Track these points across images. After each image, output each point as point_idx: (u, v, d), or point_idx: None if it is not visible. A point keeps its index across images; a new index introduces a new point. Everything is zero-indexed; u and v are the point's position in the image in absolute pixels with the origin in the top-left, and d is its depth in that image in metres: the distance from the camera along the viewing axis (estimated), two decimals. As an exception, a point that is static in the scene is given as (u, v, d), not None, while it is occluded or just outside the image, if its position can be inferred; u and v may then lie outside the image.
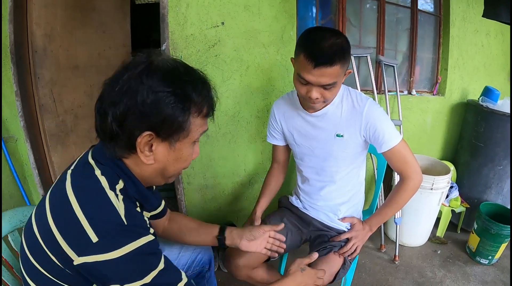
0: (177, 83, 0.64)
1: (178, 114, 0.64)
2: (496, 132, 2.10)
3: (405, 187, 1.22)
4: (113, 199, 0.63)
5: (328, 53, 0.98)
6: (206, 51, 1.61)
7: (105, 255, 0.58)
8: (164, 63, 0.65)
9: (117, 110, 0.62)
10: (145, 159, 0.67)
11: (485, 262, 2.01)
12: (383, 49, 2.13)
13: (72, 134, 2.09)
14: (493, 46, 2.53)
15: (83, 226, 0.59)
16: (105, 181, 0.65)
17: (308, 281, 0.97)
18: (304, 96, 1.10)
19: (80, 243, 0.59)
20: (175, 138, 0.67)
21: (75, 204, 0.61)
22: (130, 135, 0.63)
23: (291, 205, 1.44)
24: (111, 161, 0.68)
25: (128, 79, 0.62)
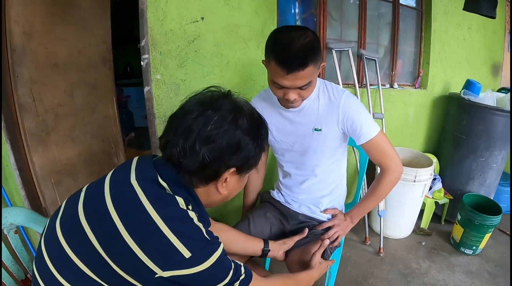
0: (259, 127, 0.75)
1: (257, 153, 0.75)
2: (478, 124, 2.13)
3: (385, 179, 1.22)
4: (194, 219, 0.70)
5: (299, 57, 0.96)
6: (186, 46, 1.59)
7: (195, 268, 0.65)
8: (246, 106, 0.75)
9: (214, 148, 0.68)
10: (221, 189, 0.75)
11: (470, 253, 2.04)
12: (365, 43, 2.13)
13: (53, 133, 2.04)
14: (475, 39, 2.56)
15: (175, 245, 0.64)
16: (183, 202, 0.71)
17: (322, 272, 1.13)
18: (282, 99, 1.10)
19: (170, 260, 0.64)
20: (248, 172, 0.78)
21: (162, 225, 0.64)
22: (219, 169, 0.71)
23: (273, 200, 1.43)
24: (182, 187, 0.73)
25: (222, 121, 0.69)
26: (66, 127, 2.07)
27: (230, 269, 0.73)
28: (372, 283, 1.78)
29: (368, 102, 2.02)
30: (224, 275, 0.72)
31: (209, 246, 0.69)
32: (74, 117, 2.09)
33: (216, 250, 0.70)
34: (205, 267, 0.66)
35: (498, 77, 2.98)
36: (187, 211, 0.70)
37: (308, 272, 1.06)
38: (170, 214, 0.67)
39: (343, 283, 1.76)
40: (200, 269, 0.66)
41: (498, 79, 2.99)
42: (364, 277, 1.82)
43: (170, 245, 0.64)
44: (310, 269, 1.08)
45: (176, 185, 0.73)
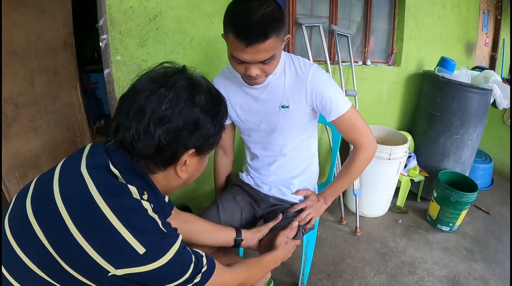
0: (218, 103, 0.70)
1: (217, 131, 0.70)
2: (452, 101, 2.12)
3: (358, 157, 1.16)
4: (149, 210, 0.65)
5: (259, 28, 0.88)
6: (147, 24, 1.50)
7: (151, 265, 0.60)
8: (203, 83, 0.69)
9: (170, 128, 0.62)
10: (181, 173, 0.70)
11: (446, 229, 2.05)
12: (336, 18, 2.07)
13: (14, 125, 1.94)
14: (450, 17, 2.55)
15: (127, 239, 0.58)
16: (136, 191, 0.66)
17: (289, 252, 1.10)
18: (243, 74, 1.02)
19: (123, 256, 0.58)
20: (208, 152, 0.72)
21: (113, 218, 0.59)
22: (176, 151, 0.66)
23: (242, 182, 1.37)
24: (136, 174, 0.68)
25: (177, 99, 0.63)
26: (27, 117, 1.97)
27: (190, 263, 0.68)
28: (350, 263, 1.76)
29: (340, 79, 1.97)
30: (184, 269, 0.67)
31: (165, 240, 0.64)
32: (36, 106, 1.99)
33: (174, 244, 0.65)
34: (162, 263, 0.61)
35: (472, 56, 3.00)
36: (140, 201, 0.65)
37: (273, 253, 1.02)
38: (122, 206, 0.61)
39: (319, 265, 1.73)
40: (156, 266, 0.61)
41: (472, 58, 3.01)
42: (341, 257, 1.80)
43: (122, 240, 0.58)
44: (275, 250, 1.04)
45: (130, 173, 0.67)
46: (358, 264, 1.76)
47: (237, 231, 1.13)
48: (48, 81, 2.02)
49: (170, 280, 0.65)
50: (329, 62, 1.91)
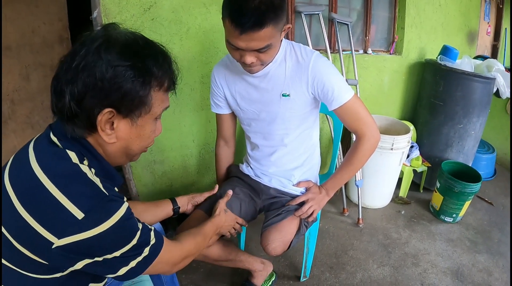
0: (137, 57, 0.62)
1: (139, 88, 0.62)
2: (455, 90, 2.08)
3: (361, 147, 1.13)
4: (88, 174, 0.61)
5: (256, 15, 0.84)
6: (142, 15, 1.46)
7: (93, 230, 0.57)
8: (123, 36, 0.63)
9: (75, 88, 0.58)
10: (106, 138, 0.64)
11: (450, 220, 2.02)
12: (336, 6, 2.02)
13: (11, 121, 1.94)
14: (451, 6, 2.50)
15: (64, 205, 0.56)
16: (75, 156, 0.62)
17: (229, 222, 1.14)
18: (239, 61, 0.99)
19: (62, 224, 0.56)
20: (136, 114, 0.65)
21: (49, 184, 0.57)
22: (90, 113, 0.60)
23: (242, 174, 1.35)
24: (73, 140, 0.64)
25: (85, 54, 0.59)
26: (24, 114, 1.96)
27: (137, 230, 0.65)
28: (352, 255, 1.74)
29: (341, 68, 1.94)
30: (129, 238, 0.63)
31: (106, 203, 0.60)
32: (32, 102, 1.97)
33: (118, 209, 0.61)
34: (104, 229, 0.58)
35: (474, 45, 2.95)
36: (78, 165, 0.61)
37: (213, 220, 1.04)
38: (57, 170, 0.59)
39: (322, 257, 1.71)
40: (98, 231, 0.57)
41: (474, 47, 2.96)
42: (344, 249, 1.78)
43: (60, 206, 0.56)
44: (214, 217, 1.06)
45: (66, 138, 0.64)
46: (361, 256, 1.73)
47: (173, 201, 1.15)
48: (44, 76, 1.99)
49: (115, 247, 0.61)
50: (329, 51, 1.87)
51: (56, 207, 0.55)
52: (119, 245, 0.62)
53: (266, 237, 1.15)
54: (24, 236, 0.57)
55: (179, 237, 0.87)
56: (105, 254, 0.60)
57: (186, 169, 1.80)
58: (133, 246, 0.64)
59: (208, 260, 1.25)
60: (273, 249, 1.13)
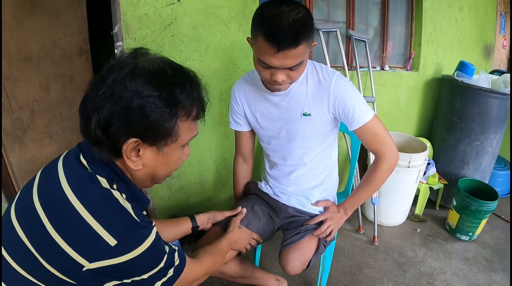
0: (164, 87, 0.61)
1: (165, 119, 0.62)
2: (472, 107, 2.06)
3: (380, 167, 1.13)
4: (120, 200, 0.62)
5: (291, 34, 0.86)
6: (162, 31, 1.49)
7: (125, 256, 0.58)
8: (150, 64, 0.62)
9: (101, 116, 0.59)
10: (132, 165, 0.64)
11: (466, 239, 1.99)
12: (353, 23, 2.04)
13: (30, 131, 1.97)
14: (467, 20, 2.49)
15: (97, 232, 0.57)
16: (106, 182, 0.63)
17: (244, 237, 1.16)
18: (269, 80, 0.99)
19: (95, 249, 0.56)
20: (162, 143, 0.65)
21: (82, 210, 0.58)
22: (115, 141, 0.61)
23: (260, 192, 1.35)
24: (102, 164, 0.65)
25: (113, 83, 0.59)
26: (43, 124, 1.98)
27: (164, 254, 0.67)
28: (367, 273, 1.72)
29: (358, 85, 1.94)
30: (157, 262, 0.65)
31: (138, 230, 0.61)
32: (51, 112, 2.00)
33: (149, 236, 0.62)
34: (135, 255, 0.59)
35: (490, 59, 2.92)
36: (110, 190, 0.62)
37: (227, 237, 1.06)
38: (91, 196, 0.60)
39: (336, 275, 1.69)
40: (129, 257, 0.59)
41: (490, 61, 2.93)
42: (359, 267, 1.76)
43: (93, 232, 0.57)
44: (228, 233, 1.09)
45: (96, 162, 0.65)
46: (376, 274, 1.71)
47: (192, 219, 1.16)
48: (63, 88, 2.03)
49: (144, 271, 0.63)
50: (346, 68, 1.88)
51: (90, 233, 0.56)
52: (147, 269, 0.64)
53: (285, 256, 1.15)
54: (53, 256, 0.57)
55: (197, 255, 0.90)
56: (133, 276, 0.62)
57: (203, 184, 1.80)
58: (160, 269, 0.66)
59: (225, 276, 1.26)
60: (292, 268, 1.13)
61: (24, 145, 1.90)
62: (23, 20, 1.79)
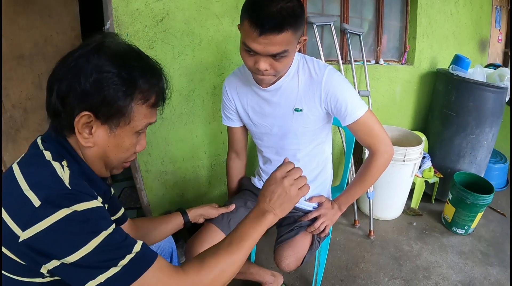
0: (124, 66, 0.62)
1: (120, 97, 0.62)
2: (468, 100, 2.06)
3: (374, 163, 1.11)
4: (57, 169, 0.60)
5: (276, 18, 0.84)
6: (154, 26, 1.47)
7: (46, 220, 0.53)
8: (116, 46, 0.64)
9: (61, 87, 0.60)
10: (83, 141, 0.64)
11: (462, 232, 1.99)
12: (348, 17, 2.03)
13: (23, 129, 1.96)
14: (462, 14, 2.49)
15: (24, 192, 0.55)
16: (49, 154, 0.63)
17: None
18: (252, 68, 0.97)
19: (22, 211, 0.54)
20: (115, 123, 0.64)
21: (19, 176, 0.58)
22: (71, 113, 0.61)
23: (253, 187, 1.34)
24: (55, 141, 0.66)
25: (77, 57, 0.61)
26: (36, 122, 1.97)
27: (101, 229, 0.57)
28: (363, 268, 1.72)
29: (353, 79, 1.93)
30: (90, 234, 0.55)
31: (65, 195, 0.56)
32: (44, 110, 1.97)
33: (79, 202, 0.56)
34: (58, 218, 0.53)
35: (485, 53, 2.92)
36: (50, 162, 0.61)
37: None
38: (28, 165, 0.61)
39: (332, 270, 1.69)
40: (52, 220, 0.53)
41: (486, 55, 2.93)
42: (355, 262, 1.76)
43: (21, 192, 0.56)
44: None
45: (49, 139, 0.66)
46: (372, 268, 1.71)
47: (183, 214, 1.11)
48: (56, 85, 2.02)
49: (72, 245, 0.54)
50: (341, 62, 1.87)
51: (19, 194, 0.55)
52: (76, 243, 0.54)
53: (280, 253, 1.14)
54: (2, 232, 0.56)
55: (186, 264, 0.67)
56: (63, 254, 0.54)
57: (198, 180, 1.80)
58: (96, 249, 0.55)
59: None
60: (286, 265, 1.12)
61: (17, 143, 1.89)
62: (15, 18, 1.78)
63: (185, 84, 1.58)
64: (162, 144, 1.62)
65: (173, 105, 1.58)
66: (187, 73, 1.56)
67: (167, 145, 1.64)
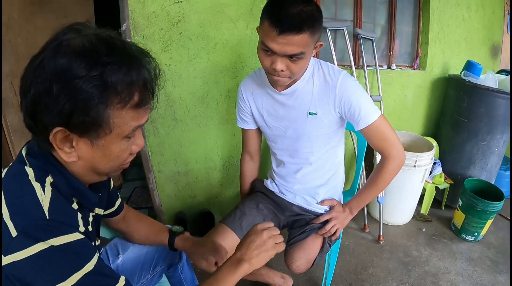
0: (90, 68, 0.51)
1: (90, 107, 0.52)
2: (479, 107, 2.05)
3: (386, 167, 1.13)
4: (38, 191, 0.55)
5: (296, 19, 0.87)
6: (170, 29, 1.49)
7: (22, 252, 0.50)
8: (78, 42, 0.52)
9: (27, 102, 0.53)
10: (65, 156, 0.57)
11: (471, 239, 1.98)
12: (361, 22, 2.03)
13: (35, 126, 1.98)
14: (474, 20, 2.47)
15: (5, 221, 0.52)
16: (32, 173, 0.57)
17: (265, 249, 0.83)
18: (268, 68, 0.99)
19: (3, 238, 0.51)
20: (93, 135, 0.55)
21: (3, 198, 0.54)
22: (44, 130, 0.54)
23: (266, 189, 1.36)
24: (40, 155, 0.59)
25: (39, 63, 0.51)
26: (50, 121, 2.00)
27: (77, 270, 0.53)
28: (372, 272, 1.72)
29: (365, 84, 1.93)
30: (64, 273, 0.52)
31: (41, 227, 0.52)
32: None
33: (55, 236, 0.52)
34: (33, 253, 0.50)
35: (497, 59, 2.89)
36: (30, 181, 0.56)
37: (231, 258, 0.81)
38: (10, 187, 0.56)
39: (341, 273, 1.70)
40: (27, 254, 0.50)
41: (498, 60, 2.90)
42: (364, 266, 1.76)
43: (4, 222, 0.52)
44: None
45: (34, 153, 0.60)
46: (381, 273, 1.72)
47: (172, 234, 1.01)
48: (71, 85, 2.04)
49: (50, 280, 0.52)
50: (353, 66, 1.87)
51: (2, 221, 0.52)
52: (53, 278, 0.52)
53: (291, 255, 1.16)
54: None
55: None
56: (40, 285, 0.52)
57: (210, 181, 1.81)
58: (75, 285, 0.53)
59: None
60: (297, 267, 1.13)
61: (29, 140, 1.93)
62: (31, 18, 1.80)
63: (200, 86, 1.60)
64: (176, 146, 1.64)
65: (187, 107, 1.60)
66: (201, 75, 1.58)
67: (180, 147, 1.66)
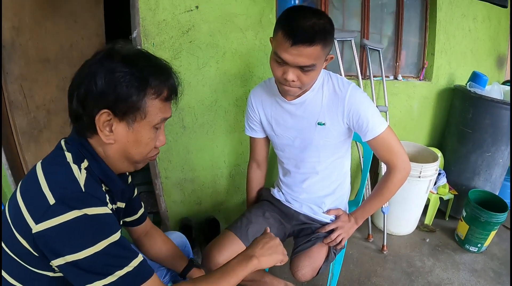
0: (134, 65, 0.68)
1: (133, 93, 0.67)
2: (484, 118, 2.06)
3: (392, 178, 1.15)
4: (75, 171, 0.66)
5: (308, 32, 0.90)
6: (180, 37, 1.51)
7: (58, 218, 0.58)
8: (126, 50, 0.70)
9: (80, 92, 0.66)
10: (105, 138, 0.69)
11: (475, 250, 1.99)
12: (368, 33, 2.05)
13: (46, 130, 2.00)
14: (480, 31, 2.49)
15: (42, 189, 0.61)
16: (70, 156, 0.68)
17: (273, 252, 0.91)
18: (280, 78, 1.01)
19: (38, 206, 0.60)
20: (131, 117, 0.69)
21: (41, 175, 0.64)
22: (91, 114, 0.67)
23: (273, 198, 1.37)
24: (77, 142, 0.71)
25: (91, 64, 0.67)
26: (59, 124, 2.02)
27: (108, 235, 0.62)
28: (375, 282, 1.73)
29: (371, 95, 1.95)
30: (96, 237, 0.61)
31: (78, 197, 0.62)
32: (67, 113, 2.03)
33: (90, 206, 0.61)
34: (67, 219, 0.58)
35: (503, 70, 2.90)
36: (68, 163, 0.67)
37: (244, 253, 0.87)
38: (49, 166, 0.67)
39: (345, 283, 1.70)
40: (61, 220, 0.58)
41: (503, 71, 2.91)
42: (367, 276, 1.77)
43: (39, 188, 0.62)
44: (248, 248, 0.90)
45: (71, 141, 0.72)
46: (384, 283, 1.72)
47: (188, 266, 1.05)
48: (80, 89, 2.07)
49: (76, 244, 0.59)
50: (360, 77, 1.89)
51: (38, 190, 0.62)
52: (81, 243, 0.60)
53: (296, 263, 1.17)
54: (17, 220, 0.62)
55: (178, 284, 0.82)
56: (67, 252, 0.59)
57: (216, 188, 1.83)
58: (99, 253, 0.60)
59: None
60: (302, 275, 1.15)
61: (39, 144, 1.94)
62: (42, 22, 1.83)
63: (208, 94, 1.62)
64: (183, 152, 1.66)
65: (196, 114, 1.62)
66: (210, 83, 1.60)
67: (187, 153, 1.67)
